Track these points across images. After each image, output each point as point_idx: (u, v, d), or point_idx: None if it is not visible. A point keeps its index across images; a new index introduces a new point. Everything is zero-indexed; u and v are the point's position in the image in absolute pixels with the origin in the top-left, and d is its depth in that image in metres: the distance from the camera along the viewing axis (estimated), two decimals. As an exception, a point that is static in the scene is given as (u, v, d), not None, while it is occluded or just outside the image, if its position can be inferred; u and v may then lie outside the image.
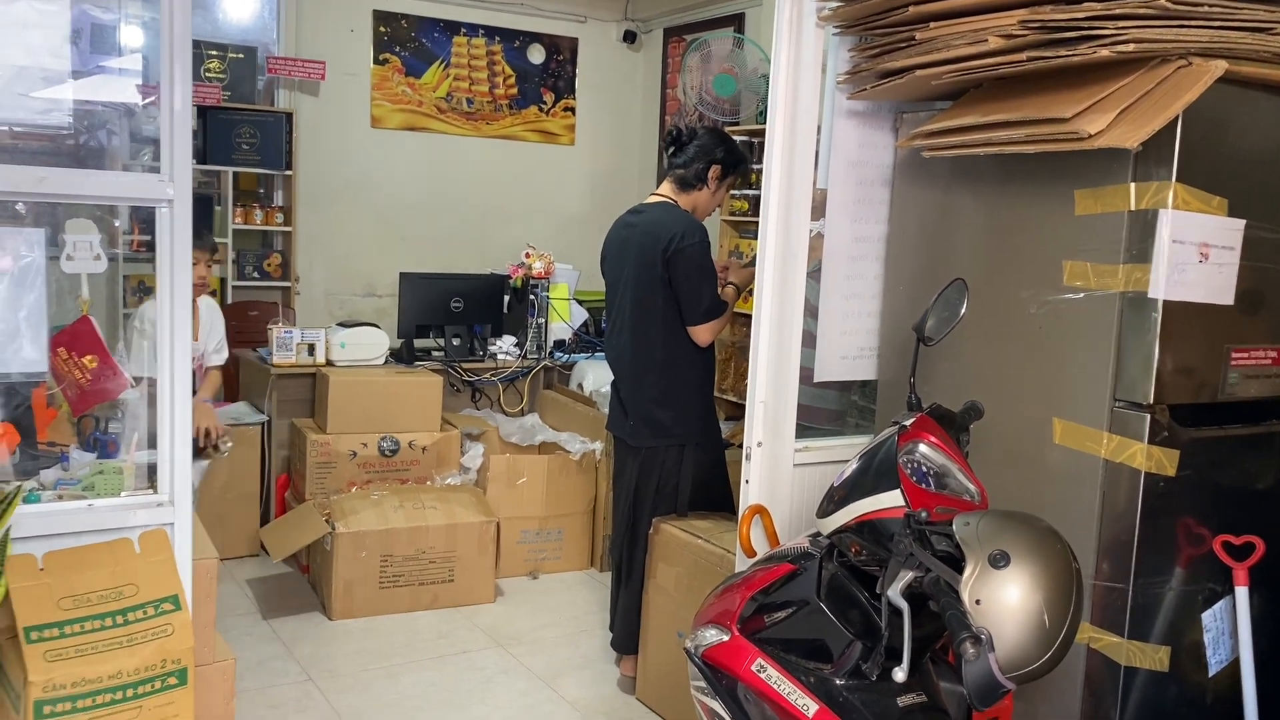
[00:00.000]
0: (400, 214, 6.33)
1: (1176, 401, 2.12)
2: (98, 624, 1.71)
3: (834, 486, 1.92)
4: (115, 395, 2.05)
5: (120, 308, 5.02)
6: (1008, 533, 1.58)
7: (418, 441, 4.54)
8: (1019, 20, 2.03)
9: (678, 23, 6.62)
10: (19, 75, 2.32)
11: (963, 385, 2.32)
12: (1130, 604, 2.13)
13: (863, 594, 1.81)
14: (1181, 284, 2.07)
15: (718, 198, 3.44)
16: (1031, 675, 1.54)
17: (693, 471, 3.37)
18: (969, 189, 2.44)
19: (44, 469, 2.28)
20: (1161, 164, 2.04)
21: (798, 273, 2.57)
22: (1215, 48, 1.98)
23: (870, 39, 2.46)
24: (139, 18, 4.04)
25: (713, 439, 3.48)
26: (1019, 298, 2.29)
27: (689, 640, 2.03)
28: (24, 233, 2.11)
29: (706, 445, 3.42)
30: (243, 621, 3.93)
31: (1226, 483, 2.23)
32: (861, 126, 2.66)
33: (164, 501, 2.02)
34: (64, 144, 2.75)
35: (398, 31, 6.33)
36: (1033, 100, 2.11)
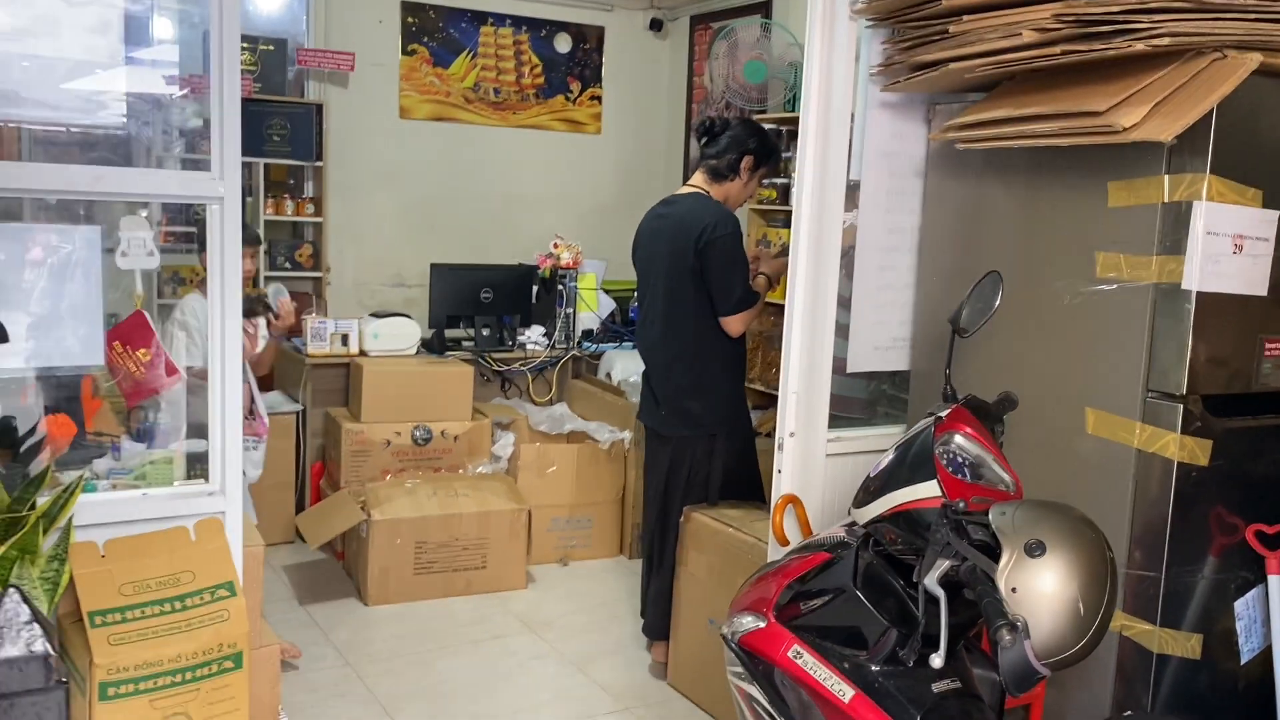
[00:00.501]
0: (428, 204, 6.37)
1: (1209, 392, 2.14)
2: (157, 609, 1.77)
3: (870, 477, 1.95)
4: (168, 387, 2.11)
5: (155, 299, 5.10)
6: (1043, 522, 1.61)
7: (450, 430, 4.59)
8: (1053, 14, 2.04)
9: (704, 10, 6.61)
10: (52, 68, 2.36)
11: (997, 376, 2.35)
12: (1163, 592, 2.16)
13: (898, 582, 1.84)
14: (1215, 275, 2.08)
15: (749, 189, 3.46)
16: (1066, 662, 1.57)
17: (723, 461, 3.40)
18: (1002, 181, 2.46)
19: (95, 459, 2.34)
20: (1196, 156, 2.05)
21: (830, 263, 2.60)
22: (1250, 40, 1.99)
23: (903, 32, 2.48)
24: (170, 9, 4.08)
25: (743, 429, 3.52)
26: (1052, 289, 2.31)
27: (726, 626, 2.07)
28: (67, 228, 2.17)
29: (736, 435, 3.46)
30: (280, 607, 4.00)
31: (1260, 472, 2.25)
32: (894, 118, 2.67)
33: (215, 491, 2.08)
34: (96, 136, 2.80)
35: (425, 22, 6.36)
36: (1066, 93, 2.13)
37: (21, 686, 0.72)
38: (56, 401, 2.41)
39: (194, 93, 4.45)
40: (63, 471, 2.06)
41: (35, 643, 0.73)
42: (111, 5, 2.45)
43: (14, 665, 0.73)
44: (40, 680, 0.71)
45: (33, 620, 0.74)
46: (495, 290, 5.02)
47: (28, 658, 0.72)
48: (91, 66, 2.48)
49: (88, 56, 2.40)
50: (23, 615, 0.74)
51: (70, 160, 2.73)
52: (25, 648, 0.72)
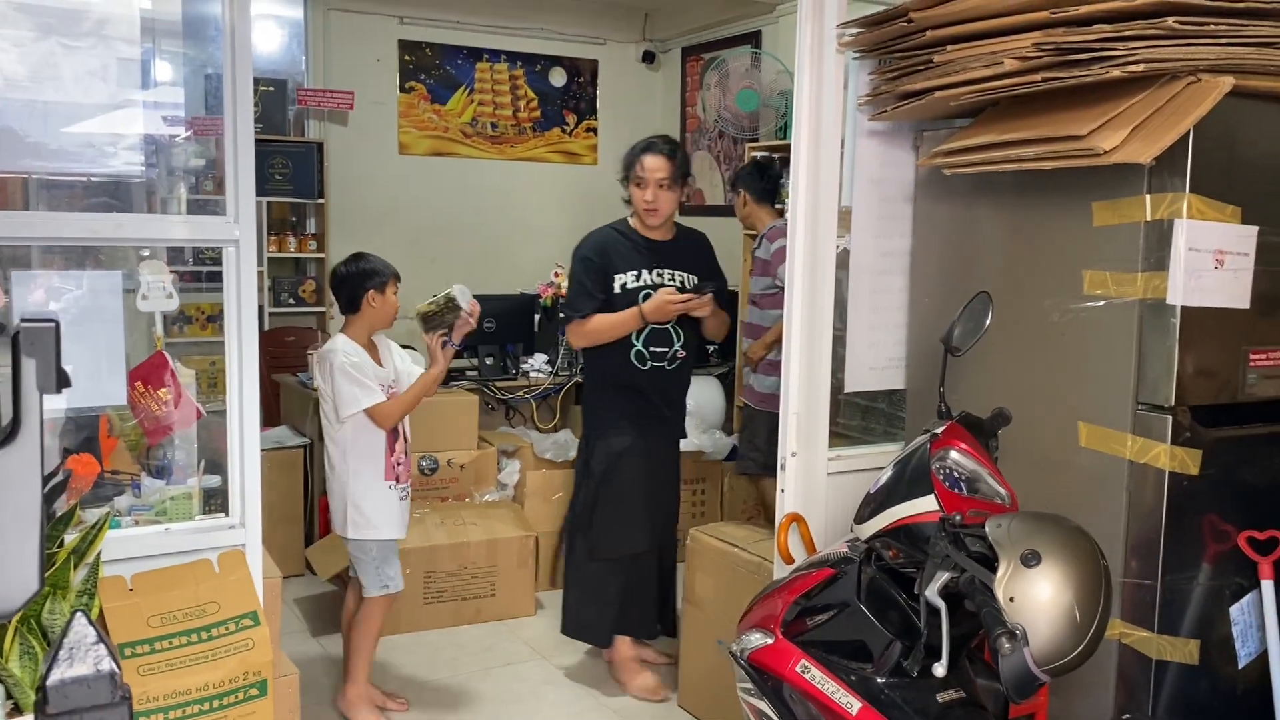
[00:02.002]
0: (430, 237, 6.46)
1: (1198, 403, 2.20)
2: (184, 640, 1.83)
3: (870, 494, 2.01)
4: (189, 426, 2.18)
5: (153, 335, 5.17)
6: (1038, 533, 1.66)
7: (456, 460, 4.65)
8: (1033, 43, 2.12)
9: (695, 42, 6.74)
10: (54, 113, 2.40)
11: (990, 393, 2.41)
12: (1159, 600, 2.21)
13: (901, 595, 1.89)
14: (1199, 290, 2.15)
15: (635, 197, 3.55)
16: (1065, 668, 1.62)
17: (600, 464, 3.58)
18: (989, 203, 2.53)
19: (115, 496, 2.40)
20: (1175, 175, 2.12)
21: (825, 286, 2.66)
22: (1223, 64, 2.07)
23: (890, 62, 2.56)
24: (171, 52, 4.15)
25: (601, 439, 3.59)
26: (1042, 307, 2.38)
27: (734, 644, 2.13)
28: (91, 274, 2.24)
29: (595, 443, 3.61)
30: (293, 639, 4.04)
31: (1249, 480, 2.31)
32: (883, 145, 2.75)
33: (235, 524, 2.14)
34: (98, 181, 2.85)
35: (422, 60, 6.48)
36: (1048, 118, 2.20)
37: (90, 702, 0.77)
38: (77, 441, 2.47)
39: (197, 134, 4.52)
40: (85, 510, 2.12)
41: (102, 662, 0.78)
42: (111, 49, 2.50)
43: (83, 682, 0.78)
44: (107, 696, 0.77)
45: (99, 640, 0.79)
46: (498, 320, 5.09)
47: (95, 675, 0.78)
48: (94, 110, 2.54)
49: (89, 100, 2.45)
50: (90, 636, 0.80)
51: (73, 206, 2.79)
52: (93, 666, 0.78)
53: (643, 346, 3.48)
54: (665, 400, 3.60)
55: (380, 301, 3.38)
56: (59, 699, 0.79)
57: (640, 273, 3.49)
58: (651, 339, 3.48)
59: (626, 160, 3.54)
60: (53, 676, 0.80)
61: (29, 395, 0.76)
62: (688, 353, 3.57)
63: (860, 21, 2.54)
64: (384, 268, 3.42)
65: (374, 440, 3.30)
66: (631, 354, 3.49)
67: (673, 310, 3.40)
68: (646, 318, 3.42)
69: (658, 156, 3.45)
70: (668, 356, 3.52)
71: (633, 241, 3.53)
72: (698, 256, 3.61)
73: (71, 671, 0.79)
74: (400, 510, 3.38)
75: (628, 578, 3.59)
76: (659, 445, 3.64)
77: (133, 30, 2.50)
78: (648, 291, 3.44)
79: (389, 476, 3.34)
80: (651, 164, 3.44)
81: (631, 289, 3.48)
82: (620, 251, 3.52)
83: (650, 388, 3.54)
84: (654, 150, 3.46)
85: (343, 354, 3.28)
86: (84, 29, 2.38)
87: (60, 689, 0.79)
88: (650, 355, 3.49)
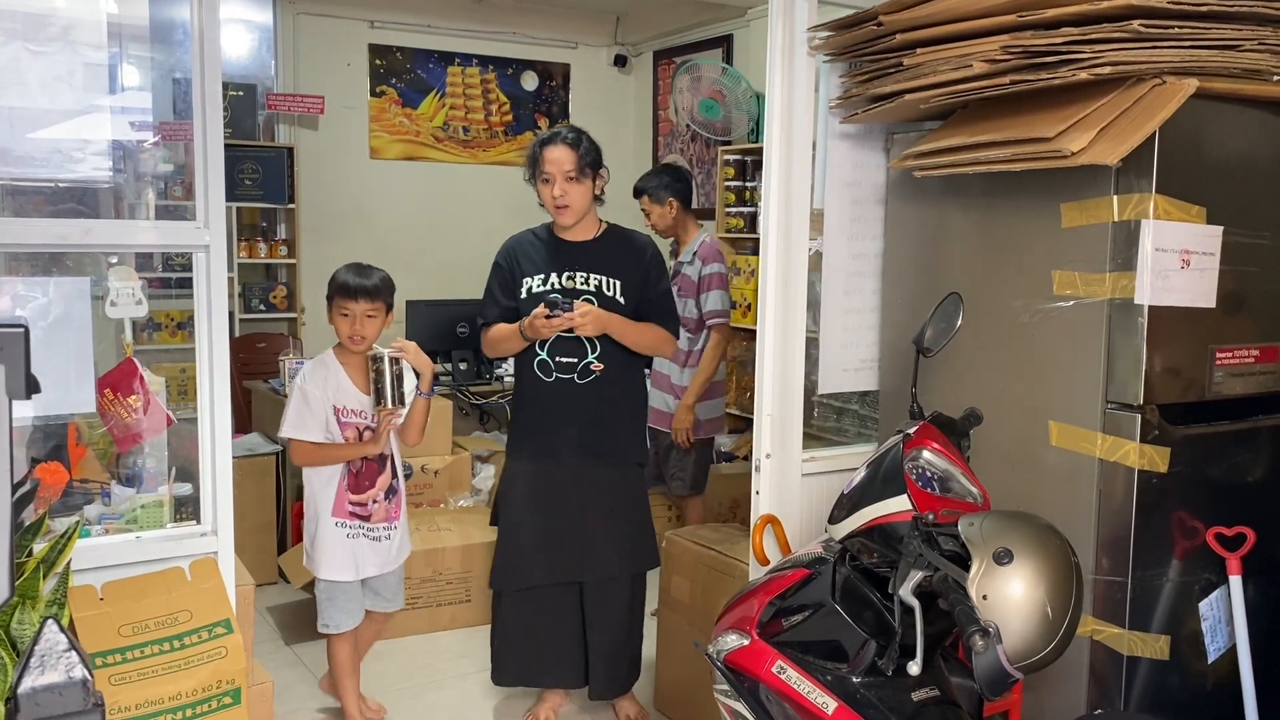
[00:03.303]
0: (401, 242, 6.43)
1: (1165, 401, 2.23)
2: (156, 649, 1.81)
3: (844, 494, 2.02)
4: (159, 433, 2.16)
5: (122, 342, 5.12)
6: (1010, 531, 1.68)
7: (430, 465, 4.63)
8: (1001, 46, 2.14)
9: (667, 45, 6.75)
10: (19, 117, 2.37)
11: (961, 393, 2.43)
12: (1130, 596, 2.23)
13: (875, 595, 1.90)
14: (1165, 289, 2.18)
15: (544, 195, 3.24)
16: (1037, 665, 1.64)
17: (502, 486, 3.36)
18: (960, 205, 2.56)
19: (84, 505, 2.38)
20: (1142, 176, 2.15)
21: (798, 290, 2.68)
22: (1187, 66, 2.10)
23: (860, 65, 2.58)
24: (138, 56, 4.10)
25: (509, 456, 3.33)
26: (1011, 308, 2.40)
27: (711, 646, 2.13)
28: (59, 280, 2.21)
29: (508, 461, 3.33)
30: (266, 647, 4.01)
31: (1217, 477, 2.34)
32: (855, 148, 2.77)
33: (207, 532, 2.12)
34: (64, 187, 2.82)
35: (393, 64, 6.46)
36: (1017, 120, 2.23)
37: (62, 710, 0.76)
38: (44, 450, 2.44)
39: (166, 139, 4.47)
40: (54, 519, 2.10)
41: (74, 669, 0.78)
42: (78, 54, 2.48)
43: (55, 690, 0.77)
44: (79, 704, 0.76)
45: (71, 648, 0.78)
46: (471, 324, 5.08)
47: (67, 683, 0.77)
48: (60, 115, 2.51)
49: (56, 105, 2.42)
50: (61, 644, 0.78)
51: (40, 211, 2.75)
52: (65, 674, 0.77)
53: (546, 356, 3.13)
54: (576, 418, 3.15)
55: (334, 320, 3.13)
56: (30, 707, 0.78)
57: (549, 275, 3.16)
58: (557, 348, 3.12)
59: (529, 157, 3.21)
60: (24, 684, 0.79)
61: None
62: (607, 365, 3.13)
63: (831, 25, 2.56)
64: (335, 282, 3.12)
65: (326, 471, 3.10)
66: (535, 364, 3.15)
67: (541, 329, 3.02)
68: (524, 334, 3.09)
69: (559, 146, 3.10)
70: (577, 369, 3.12)
71: (544, 243, 3.23)
72: (624, 260, 3.19)
73: (43, 679, 0.78)
74: (347, 551, 3.10)
75: (534, 615, 3.26)
76: (568, 470, 3.19)
77: (99, 35, 2.47)
78: (555, 295, 3.09)
79: (337, 513, 3.09)
80: (553, 156, 3.10)
81: (537, 293, 3.15)
82: (529, 254, 3.23)
83: (557, 403, 3.15)
84: (555, 141, 3.12)
85: (304, 373, 3.13)
86: (50, 34, 2.36)
87: (32, 697, 0.79)
88: (555, 366, 3.13)
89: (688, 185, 4.39)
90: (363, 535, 3.12)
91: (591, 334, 3.08)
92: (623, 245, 3.24)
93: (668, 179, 4.28)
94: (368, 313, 3.07)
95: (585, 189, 3.15)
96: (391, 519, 3.17)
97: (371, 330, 3.10)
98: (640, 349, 3.19)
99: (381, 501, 3.14)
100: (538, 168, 3.16)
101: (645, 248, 3.25)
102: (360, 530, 3.11)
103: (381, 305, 3.11)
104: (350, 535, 3.10)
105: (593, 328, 3.05)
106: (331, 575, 3.11)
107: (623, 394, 3.23)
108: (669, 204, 4.25)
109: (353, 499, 3.09)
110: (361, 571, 3.14)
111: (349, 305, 3.06)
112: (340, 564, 3.10)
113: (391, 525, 3.17)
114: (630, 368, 3.24)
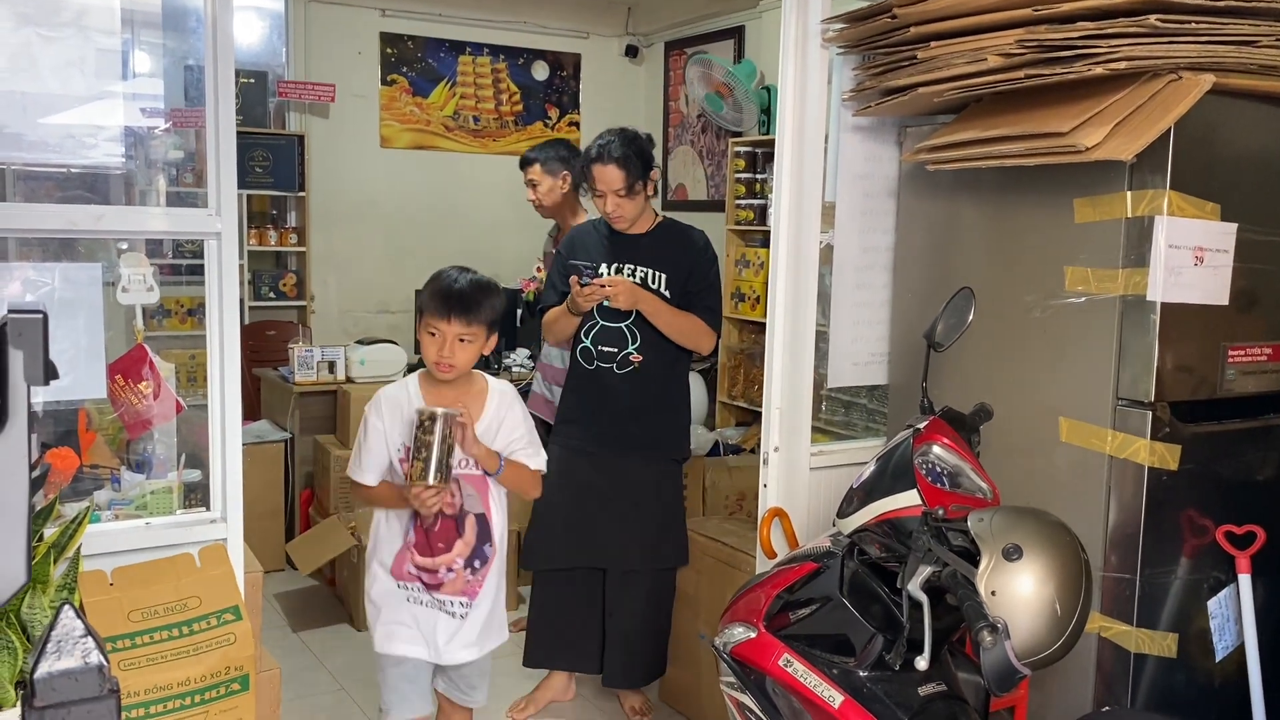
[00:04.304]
0: (411, 231, 6.43)
1: (1177, 399, 2.22)
2: (165, 634, 1.82)
3: (853, 488, 2.02)
4: (169, 419, 2.16)
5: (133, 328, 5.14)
6: (1019, 527, 1.68)
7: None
8: (1016, 39, 2.13)
9: (678, 36, 6.73)
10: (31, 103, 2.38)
11: (972, 388, 2.42)
12: (1138, 593, 2.23)
13: (883, 589, 1.90)
14: (1178, 286, 2.17)
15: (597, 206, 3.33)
16: (1045, 661, 1.64)
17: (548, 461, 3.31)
18: (972, 199, 2.55)
19: (94, 490, 2.39)
20: (1156, 172, 2.14)
21: (809, 283, 2.67)
22: (1204, 62, 2.08)
23: (873, 58, 2.57)
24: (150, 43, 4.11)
25: (551, 440, 3.30)
26: (1023, 303, 2.39)
27: (717, 638, 2.14)
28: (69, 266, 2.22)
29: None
30: (274, 634, 4.03)
31: (1227, 475, 2.33)
32: (867, 141, 2.76)
33: (217, 519, 2.13)
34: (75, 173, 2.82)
35: (404, 53, 6.45)
36: (1031, 115, 2.22)
37: (78, 695, 0.76)
38: (55, 435, 2.45)
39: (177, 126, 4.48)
40: (64, 504, 2.10)
41: (90, 655, 0.78)
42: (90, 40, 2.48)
43: (71, 675, 0.77)
44: (95, 689, 0.76)
45: (87, 634, 0.79)
46: (479, 315, 5.08)
47: (84, 669, 0.77)
48: (72, 101, 2.52)
49: (67, 91, 2.42)
50: (78, 629, 0.79)
51: (50, 197, 2.76)
52: (81, 659, 0.77)
53: (590, 344, 3.22)
54: (612, 408, 3.21)
55: (420, 336, 2.49)
56: (47, 692, 0.78)
57: (599, 266, 3.25)
58: (601, 337, 3.20)
59: (579, 171, 3.30)
60: (40, 669, 0.80)
61: (16, 387, 0.75)
62: (646, 358, 3.18)
63: (844, 17, 2.55)
64: (426, 291, 2.45)
65: (395, 520, 2.47)
66: (579, 351, 3.25)
67: (577, 298, 3.11)
68: (570, 310, 3.18)
69: (609, 167, 3.13)
70: (617, 358, 3.19)
71: (601, 235, 3.31)
72: (675, 254, 3.25)
73: (60, 664, 0.79)
74: (407, 618, 2.44)
75: (559, 597, 3.35)
76: (600, 458, 3.24)
77: (112, 21, 2.47)
78: (581, 264, 3.22)
79: (397, 572, 2.45)
80: (603, 176, 3.14)
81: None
82: (586, 245, 3.32)
83: (594, 391, 3.23)
84: (603, 160, 3.14)
85: (376, 398, 2.48)
86: (62, 19, 2.36)
87: (48, 682, 0.79)
88: (597, 354, 3.21)
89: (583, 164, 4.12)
90: (431, 605, 2.44)
91: (624, 306, 3.12)
92: (676, 239, 3.31)
93: (564, 152, 4.01)
94: (462, 335, 2.36)
95: (638, 200, 3.21)
96: (472, 593, 2.45)
97: (464, 358, 2.38)
98: (673, 334, 3.21)
99: (460, 571, 2.43)
100: (589, 181, 3.22)
101: (697, 242, 3.32)
102: (427, 598, 2.44)
103: (480, 328, 2.39)
104: (411, 599, 2.44)
105: (625, 299, 3.11)
106: (380, 646, 2.47)
107: (661, 388, 3.27)
108: (562, 178, 3.94)
109: (419, 562, 2.43)
110: (425, 648, 2.45)
111: (438, 324, 2.36)
112: (393, 635, 2.45)
113: (471, 601, 2.45)
114: (671, 363, 3.28)
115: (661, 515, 3.32)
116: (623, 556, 3.29)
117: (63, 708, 0.77)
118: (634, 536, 3.28)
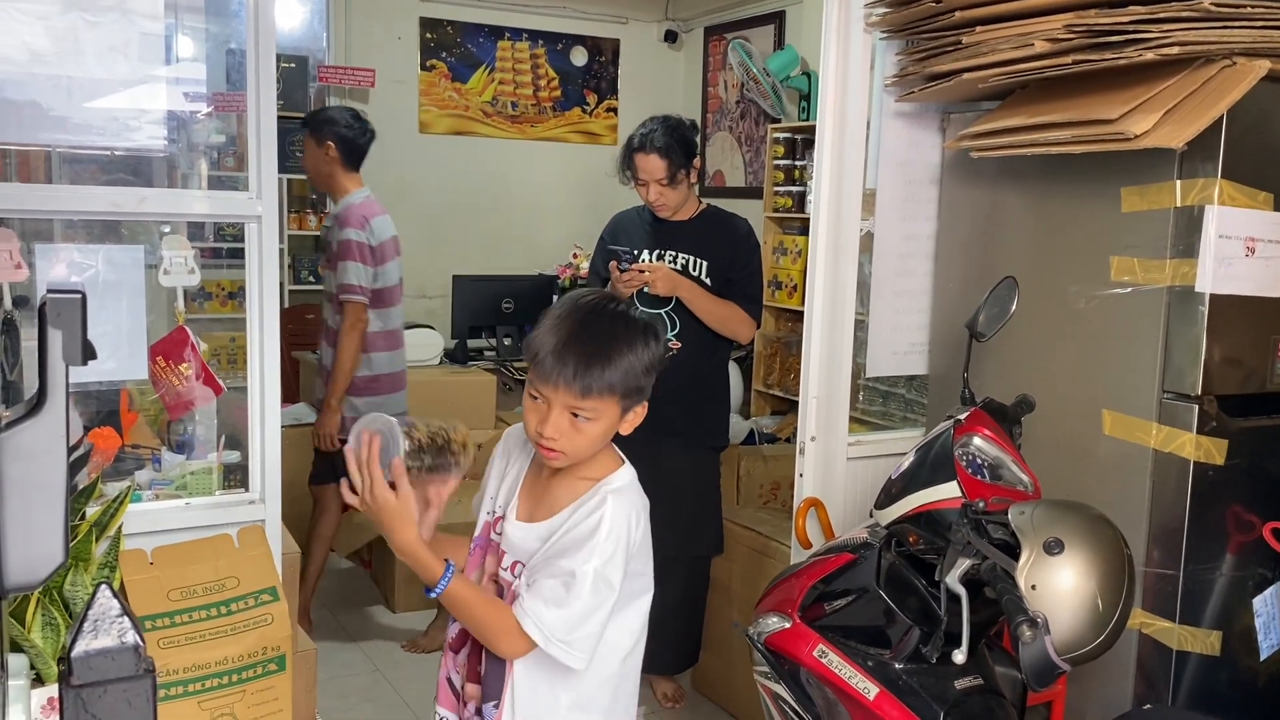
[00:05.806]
0: (449, 217, 6.45)
1: (1224, 392, 2.17)
2: (204, 614, 1.84)
3: (891, 479, 2.00)
4: (209, 401, 2.18)
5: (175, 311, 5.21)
6: (1061, 521, 1.65)
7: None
8: (1064, 24, 2.09)
9: (718, 21, 6.68)
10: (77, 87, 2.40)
11: (1014, 379, 2.39)
12: (1181, 590, 2.19)
13: (921, 582, 1.88)
14: (1228, 278, 2.12)
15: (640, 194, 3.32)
16: (1085, 657, 1.61)
17: None
18: (1016, 188, 2.51)
19: (135, 470, 2.42)
20: (1207, 161, 2.09)
21: (848, 271, 2.65)
22: (1258, 47, 2.03)
23: (917, 43, 2.53)
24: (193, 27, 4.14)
25: None
26: (1067, 293, 2.35)
27: (751, 628, 2.13)
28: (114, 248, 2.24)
29: None
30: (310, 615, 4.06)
31: (1275, 471, 2.28)
32: (909, 127, 2.72)
33: (255, 499, 2.15)
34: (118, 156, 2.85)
35: (443, 38, 6.46)
36: (1078, 101, 2.17)
37: (115, 674, 0.77)
38: (97, 415, 2.48)
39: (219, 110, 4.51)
40: (106, 483, 2.13)
41: (127, 634, 0.79)
42: (134, 24, 2.50)
43: (107, 655, 0.78)
44: (131, 669, 0.77)
45: (123, 613, 0.80)
46: (516, 300, 5.09)
47: (120, 648, 0.78)
48: (116, 85, 2.54)
49: (111, 75, 2.45)
50: (114, 609, 0.80)
51: (95, 180, 2.79)
52: (118, 639, 0.78)
53: None
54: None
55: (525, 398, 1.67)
56: (84, 670, 0.79)
57: (641, 252, 3.26)
58: None
59: (623, 159, 3.27)
60: (78, 648, 0.81)
61: (55, 367, 0.75)
62: (685, 345, 3.18)
63: (888, 1, 2.51)
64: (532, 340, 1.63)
65: None
66: None
67: (618, 284, 3.10)
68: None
69: (651, 156, 3.14)
70: None
71: (645, 221, 3.33)
72: (718, 241, 3.25)
73: (96, 643, 0.79)
74: None
75: None
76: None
77: (155, 6, 2.49)
78: (620, 249, 3.21)
79: (442, 699, 1.77)
80: (645, 165, 3.15)
81: None
82: (629, 231, 3.34)
83: None
84: (646, 150, 3.15)
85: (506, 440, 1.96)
86: (107, 4, 2.38)
87: (85, 660, 0.80)
88: None
89: (358, 135, 3.73)
90: None
91: (664, 292, 3.13)
92: (719, 227, 3.31)
93: (327, 115, 3.78)
94: (576, 409, 1.58)
95: (681, 189, 3.22)
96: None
97: (581, 442, 1.64)
98: (712, 322, 3.20)
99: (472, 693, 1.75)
100: (631, 170, 3.22)
101: (740, 229, 3.32)
102: None
103: (609, 401, 1.61)
104: None
105: (664, 285, 3.11)
106: None
107: (700, 376, 3.26)
108: (327, 147, 3.69)
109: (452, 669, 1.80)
110: None
111: (541, 388, 1.59)
112: None
113: None
114: (711, 352, 3.28)
115: (698, 503, 3.30)
116: (659, 543, 3.27)
117: (99, 686, 0.78)
118: (670, 523, 3.22)
